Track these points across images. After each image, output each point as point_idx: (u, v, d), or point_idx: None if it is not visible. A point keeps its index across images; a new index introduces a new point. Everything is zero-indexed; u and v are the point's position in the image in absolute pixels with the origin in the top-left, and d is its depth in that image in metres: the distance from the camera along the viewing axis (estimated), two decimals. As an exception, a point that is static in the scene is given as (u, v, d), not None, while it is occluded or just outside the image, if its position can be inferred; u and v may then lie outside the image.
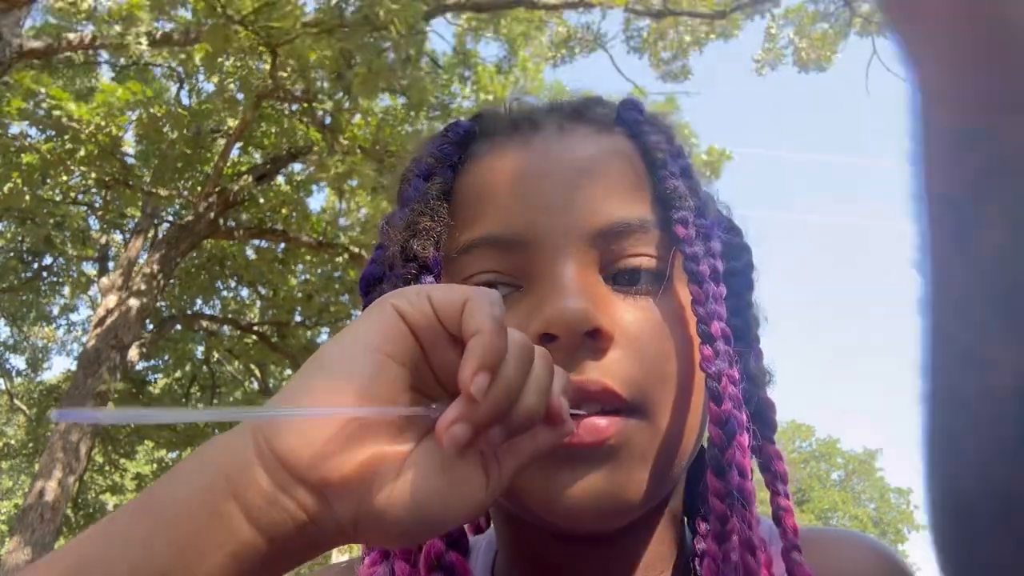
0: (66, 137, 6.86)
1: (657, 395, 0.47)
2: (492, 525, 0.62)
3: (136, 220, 9.52)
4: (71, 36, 6.86)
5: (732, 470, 0.48)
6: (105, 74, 8.82)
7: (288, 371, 10.31)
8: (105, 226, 9.75)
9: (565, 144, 0.52)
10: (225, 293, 10.24)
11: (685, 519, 0.56)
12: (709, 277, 0.51)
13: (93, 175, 7.55)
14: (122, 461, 10.73)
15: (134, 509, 0.34)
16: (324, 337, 9.96)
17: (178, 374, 10.57)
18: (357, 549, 0.58)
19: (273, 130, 8.46)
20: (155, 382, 10.60)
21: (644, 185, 0.52)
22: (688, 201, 0.52)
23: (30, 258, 9.71)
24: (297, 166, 9.09)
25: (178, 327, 9.50)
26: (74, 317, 11.44)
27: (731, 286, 0.53)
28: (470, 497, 0.36)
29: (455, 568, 0.45)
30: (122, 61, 8.10)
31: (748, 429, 0.50)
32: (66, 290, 10.45)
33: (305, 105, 7.29)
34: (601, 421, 0.45)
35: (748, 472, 0.49)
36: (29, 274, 9.84)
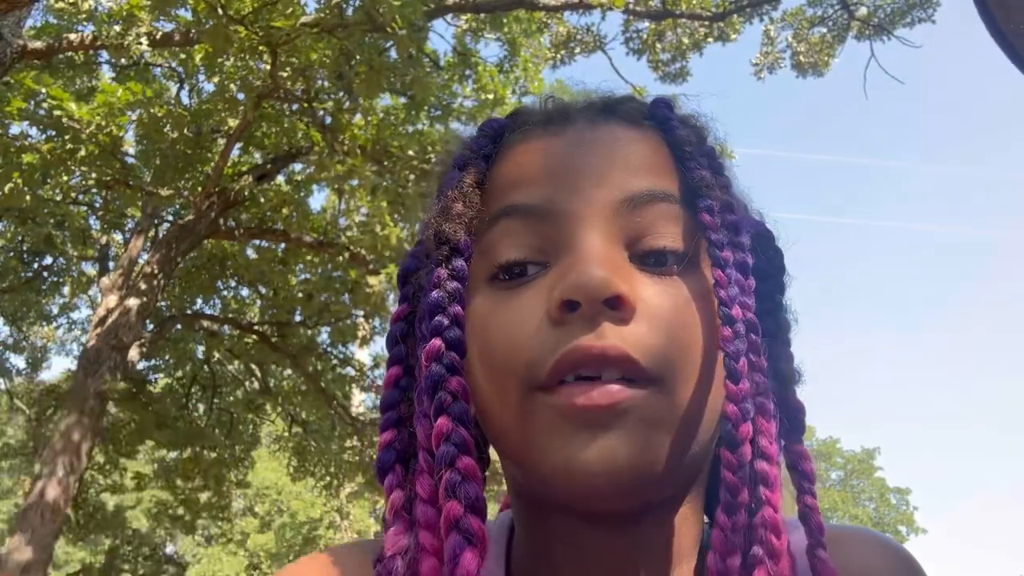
0: (66, 137, 6.86)
1: (677, 370, 0.47)
2: (501, 510, 0.63)
3: (136, 220, 9.53)
4: (71, 36, 6.87)
5: (745, 444, 0.49)
6: (106, 74, 8.83)
7: (288, 371, 10.32)
8: (105, 226, 9.76)
9: (596, 132, 0.54)
10: (225, 293, 10.25)
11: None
12: (734, 266, 0.51)
13: (93, 175, 7.55)
14: (123, 461, 10.72)
15: None
16: (324, 337, 9.97)
17: (178, 374, 10.57)
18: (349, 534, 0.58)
19: (273, 130, 8.46)
20: (155, 382, 10.60)
21: (672, 172, 0.53)
22: (715, 192, 0.53)
23: (30, 258, 9.72)
24: (297, 166, 9.10)
25: (178, 327, 9.50)
26: (74, 316, 11.44)
27: (762, 287, 0.54)
28: None
29: (473, 532, 0.44)
30: (123, 61, 8.11)
31: (775, 418, 0.51)
32: (66, 290, 10.46)
33: (305, 105, 7.30)
34: (615, 387, 0.45)
35: (772, 456, 0.50)
36: (29, 274, 9.84)
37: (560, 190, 0.51)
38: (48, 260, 9.90)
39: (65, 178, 7.58)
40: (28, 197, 6.92)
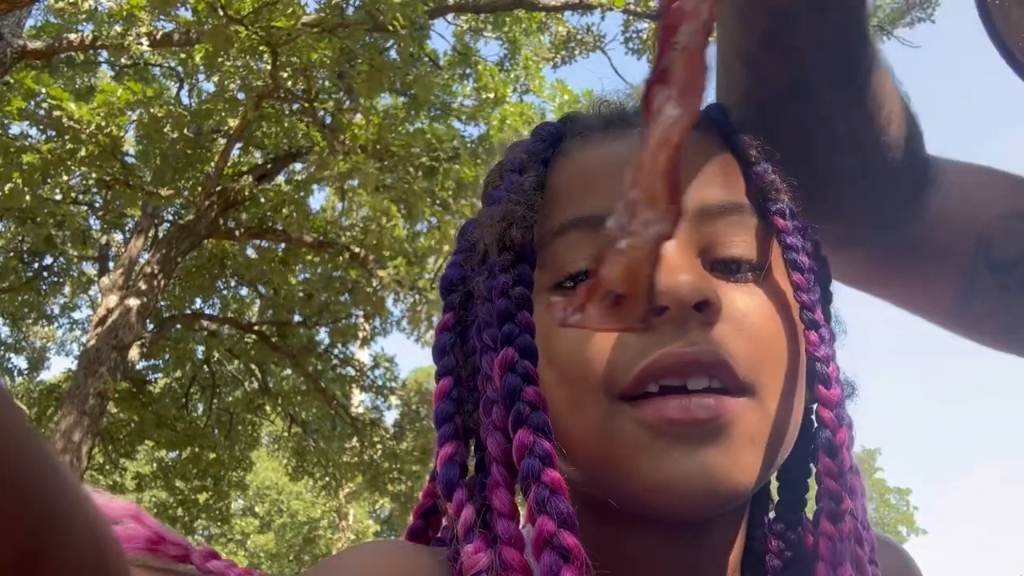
0: (66, 137, 6.85)
1: (767, 376, 0.46)
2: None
3: (136, 220, 9.52)
4: (71, 36, 6.86)
5: (844, 452, 0.49)
6: (106, 74, 8.82)
7: (288, 371, 10.31)
8: (105, 226, 9.75)
9: None
10: (225, 293, 10.24)
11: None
12: (811, 270, 0.51)
13: (93, 175, 7.54)
14: (122, 461, 10.72)
15: None
16: (324, 337, 9.97)
17: (178, 374, 10.56)
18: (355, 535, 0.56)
19: (274, 130, 8.46)
20: (155, 382, 10.59)
21: (739, 177, 0.52)
22: (784, 195, 0.52)
23: (30, 258, 9.71)
24: (297, 166, 9.10)
25: (178, 327, 9.50)
26: (74, 316, 11.44)
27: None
28: None
29: (569, 549, 0.42)
30: (123, 61, 8.10)
31: (850, 426, 0.51)
32: (66, 290, 10.45)
33: (306, 105, 7.29)
34: (710, 399, 0.44)
35: (857, 468, 0.51)
36: (29, 274, 9.84)
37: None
38: (48, 260, 9.89)
39: (65, 178, 7.57)
40: (28, 197, 6.91)
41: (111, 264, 9.86)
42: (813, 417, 0.52)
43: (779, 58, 0.57)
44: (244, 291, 10.29)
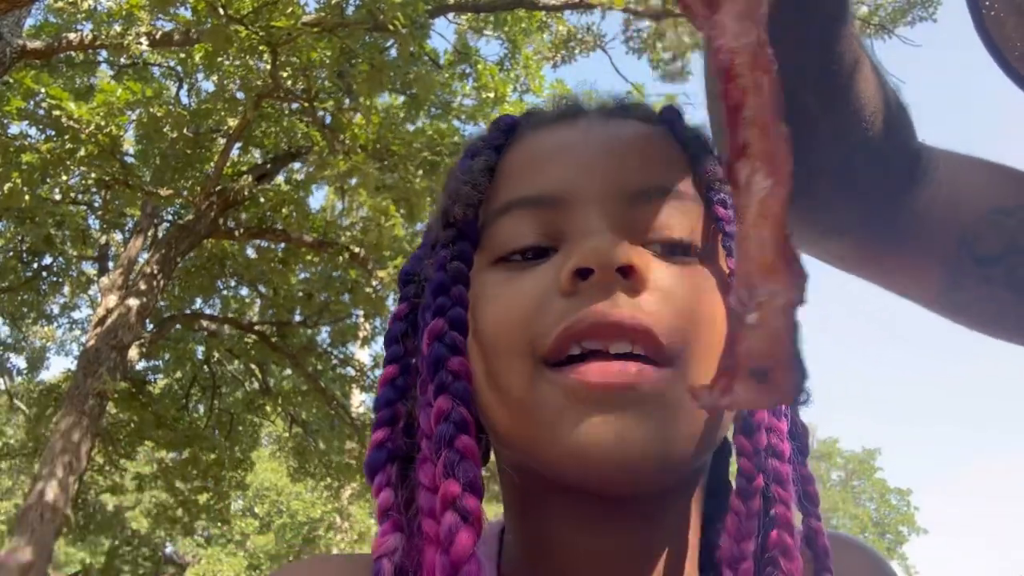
0: (66, 137, 6.85)
1: (694, 353, 0.45)
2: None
3: (136, 220, 9.52)
4: (71, 35, 6.86)
5: (761, 432, 0.49)
6: (105, 73, 8.81)
7: (288, 371, 10.31)
8: (105, 226, 9.75)
9: (608, 126, 0.54)
10: (225, 293, 10.24)
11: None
12: None
13: (93, 175, 7.54)
14: (122, 461, 10.71)
15: None
16: (324, 336, 9.97)
17: (178, 374, 10.56)
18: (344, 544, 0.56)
19: (273, 130, 8.46)
20: (155, 382, 10.59)
21: (685, 168, 0.52)
22: (726, 187, 0.52)
23: (30, 258, 9.70)
24: (297, 165, 9.10)
25: (178, 327, 9.50)
26: (74, 316, 11.44)
27: None
28: None
29: (470, 511, 0.43)
30: (122, 60, 8.10)
31: (787, 418, 0.51)
32: (66, 290, 10.45)
33: (306, 104, 7.29)
34: (631, 367, 0.43)
35: (784, 454, 0.50)
36: (29, 274, 9.83)
37: (572, 179, 0.50)
38: (48, 260, 9.88)
39: (64, 178, 7.57)
40: (27, 197, 6.90)
41: (111, 264, 9.86)
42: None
43: None
44: (244, 291, 10.30)
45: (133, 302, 7.58)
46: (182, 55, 8.03)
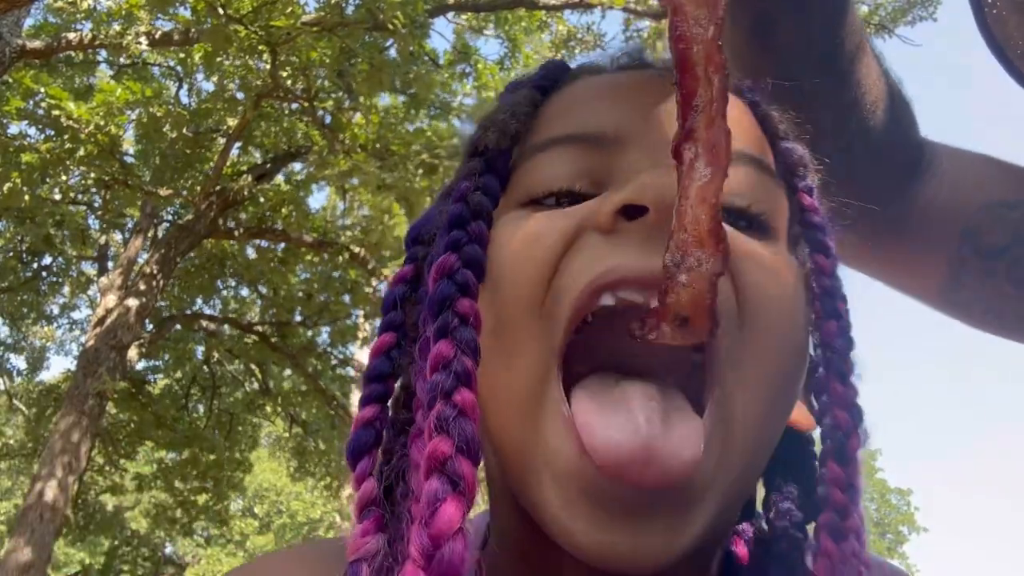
0: (65, 137, 6.84)
1: (745, 333, 0.38)
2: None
3: (135, 220, 9.51)
4: (70, 35, 6.85)
5: (854, 462, 0.42)
6: (105, 73, 8.81)
7: (288, 371, 10.30)
8: (105, 226, 9.75)
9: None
10: (225, 293, 10.24)
11: None
12: (835, 256, 0.45)
13: (92, 175, 7.53)
14: (122, 462, 10.71)
15: None
16: (324, 336, 9.96)
17: (178, 374, 10.55)
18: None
19: (273, 129, 8.45)
20: (155, 382, 10.59)
21: (763, 143, 0.46)
22: (814, 175, 0.47)
23: (30, 258, 9.70)
24: (297, 165, 9.10)
25: (178, 327, 9.49)
26: (74, 316, 11.45)
27: None
28: None
29: (461, 476, 0.34)
30: (122, 60, 8.09)
31: (864, 433, 0.45)
32: (66, 290, 10.45)
33: (306, 104, 7.29)
34: (675, 461, 0.35)
35: (859, 489, 0.44)
36: (29, 274, 9.83)
37: (628, 119, 0.42)
38: (47, 260, 9.89)
39: (64, 178, 7.56)
40: (27, 197, 6.90)
41: (110, 264, 9.86)
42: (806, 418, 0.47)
43: (763, 53, 0.59)
44: (244, 291, 10.29)
45: (133, 302, 7.57)
46: (182, 55, 8.02)
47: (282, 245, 8.87)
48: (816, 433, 0.48)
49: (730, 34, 0.59)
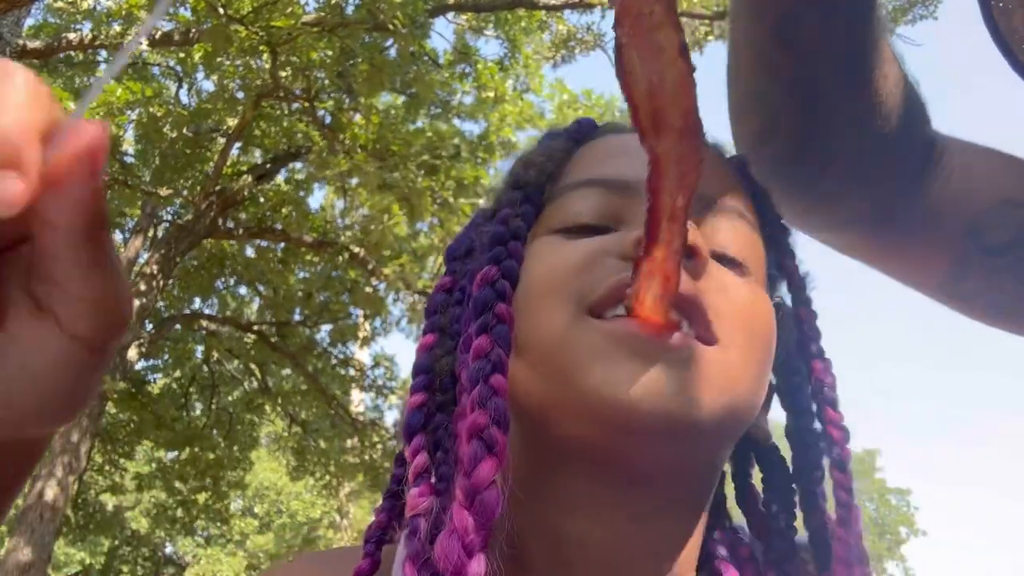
0: (65, 136, 6.84)
1: (739, 344, 0.47)
2: None
3: (136, 220, 9.52)
4: (70, 35, 6.86)
5: (849, 470, 0.53)
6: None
7: (288, 371, 10.31)
8: (104, 226, 9.74)
9: None
10: (224, 293, 10.24)
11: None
12: (813, 312, 0.55)
13: (92, 174, 7.53)
14: (122, 461, 10.71)
15: None
16: (324, 336, 9.96)
17: (178, 374, 10.56)
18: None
19: (273, 129, 8.45)
20: (155, 382, 10.59)
21: (749, 204, 0.55)
22: (794, 247, 0.57)
23: (30, 258, 9.69)
24: (297, 165, 9.09)
25: (178, 327, 9.49)
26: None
27: None
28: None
29: (495, 441, 0.43)
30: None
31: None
32: (66, 290, 10.43)
33: (306, 104, 7.29)
34: (679, 332, 0.44)
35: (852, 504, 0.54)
36: (28, 274, 9.82)
37: (645, 172, 0.49)
38: (47, 260, 9.87)
39: (64, 178, 7.55)
40: (27, 197, 6.89)
41: (110, 264, 9.84)
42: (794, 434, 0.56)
43: (785, 51, 0.60)
44: (243, 291, 10.30)
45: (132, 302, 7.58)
46: (182, 55, 8.02)
47: (282, 245, 8.88)
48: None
49: (753, 32, 0.61)
